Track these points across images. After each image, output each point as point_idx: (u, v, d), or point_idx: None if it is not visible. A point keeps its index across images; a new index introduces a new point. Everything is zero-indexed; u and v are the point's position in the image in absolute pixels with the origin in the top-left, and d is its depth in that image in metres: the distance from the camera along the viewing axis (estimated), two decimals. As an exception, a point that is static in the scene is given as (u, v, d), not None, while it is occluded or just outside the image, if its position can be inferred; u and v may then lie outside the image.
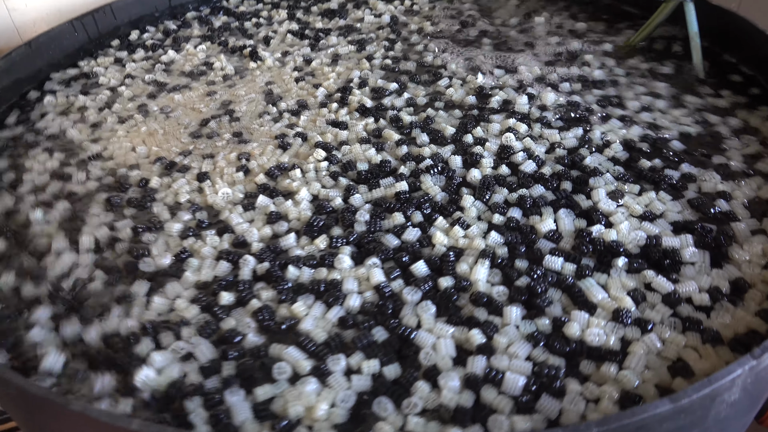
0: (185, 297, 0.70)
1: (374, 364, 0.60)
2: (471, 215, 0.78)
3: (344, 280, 0.69)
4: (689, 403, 0.48)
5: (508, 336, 0.62)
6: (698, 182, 0.82)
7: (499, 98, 1.00)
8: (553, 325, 0.64)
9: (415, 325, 0.64)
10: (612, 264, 0.70)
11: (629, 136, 0.90)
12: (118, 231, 0.80)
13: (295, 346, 0.62)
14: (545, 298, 0.66)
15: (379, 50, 1.17)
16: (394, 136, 0.92)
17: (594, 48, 1.15)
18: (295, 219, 0.80)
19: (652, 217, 0.76)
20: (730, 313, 0.66)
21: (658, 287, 0.68)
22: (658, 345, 0.62)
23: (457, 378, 0.58)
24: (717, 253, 0.72)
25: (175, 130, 0.99)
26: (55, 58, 1.16)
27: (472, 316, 0.65)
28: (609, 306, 0.66)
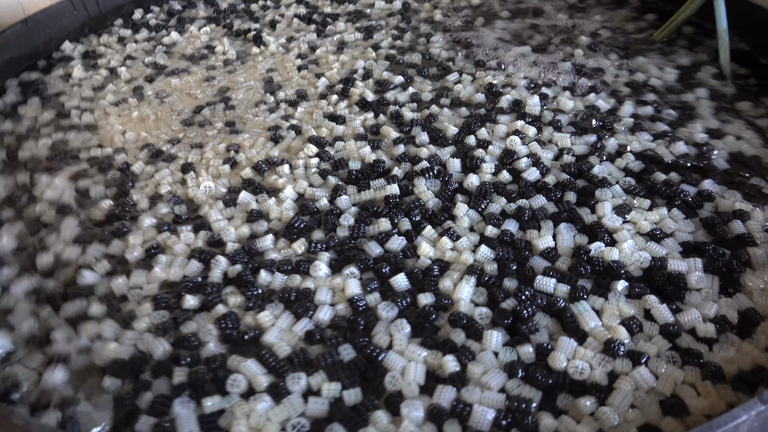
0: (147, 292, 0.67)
1: (335, 388, 0.56)
2: (463, 225, 0.73)
3: (318, 289, 0.65)
4: None
5: (484, 364, 0.58)
6: (716, 200, 0.75)
7: (510, 97, 0.94)
8: (537, 353, 0.59)
9: (386, 346, 0.60)
10: (611, 287, 0.65)
11: (660, 150, 0.83)
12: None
13: (256, 359, 0.59)
14: (531, 324, 0.61)
15: (386, 39, 1.12)
16: (392, 134, 0.87)
17: (623, 43, 1.08)
18: (276, 219, 0.76)
19: (661, 237, 0.70)
20: (735, 346, 0.60)
21: (658, 316, 0.62)
22: (650, 381, 0.56)
23: (422, 408, 0.54)
24: (728, 280, 0.66)
25: (167, 117, 0.96)
26: (53, 37, 1.14)
27: (449, 339, 0.60)
28: (601, 336, 0.60)
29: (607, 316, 0.62)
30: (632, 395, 0.55)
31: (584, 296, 0.64)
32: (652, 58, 1.04)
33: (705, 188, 0.77)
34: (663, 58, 1.03)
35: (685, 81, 0.98)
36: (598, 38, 1.11)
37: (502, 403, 0.54)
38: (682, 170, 0.79)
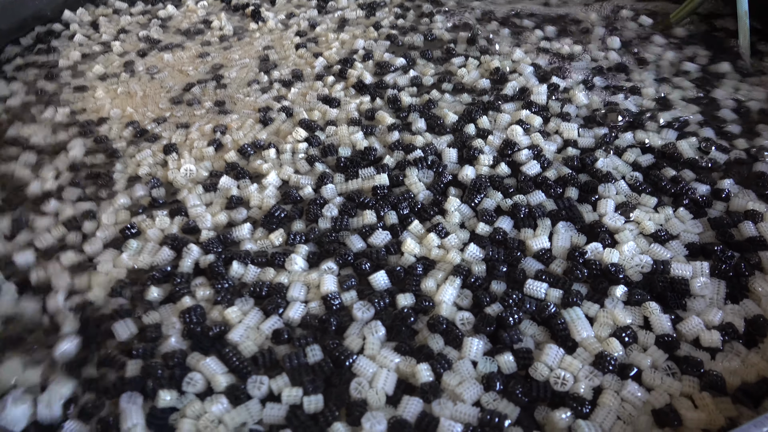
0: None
1: (296, 393, 0.52)
2: (453, 221, 0.69)
3: (291, 285, 0.62)
4: None
5: (461, 375, 0.54)
6: (730, 200, 0.70)
7: (516, 84, 0.88)
8: (518, 363, 0.55)
9: (358, 349, 0.56)
10: (609, 293, 0.60)
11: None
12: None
13: (218, 357, 0.55)
14: (514, 333, 0.56)
15: (389, 16, 1.07)
16: (387, 120, 0.83)
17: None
18: (257, 207, 0.73)
19: (666, 238, 0.66)
20: (740, 357, 0.56)
21: (657, 325, 0.58)
22: (639, 396, 0.52)
23: (384, 421, 0.50)
24: (735, 285, 0.62)
25: (156, 94, 0.93)
26: (42, 10, 1.10)
27: (425, 346, 0.56)
28: (593, 348, 0.56)
29: (600, 326, 0.58)
30: (617, 411, 0.51)
31: (578, 302, 0.59)
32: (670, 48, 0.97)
33: (723, 187, 0.71)
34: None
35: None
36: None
37: (474, 417, 0.51)
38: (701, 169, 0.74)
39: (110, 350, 0.57)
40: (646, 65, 0.94)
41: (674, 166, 0.75)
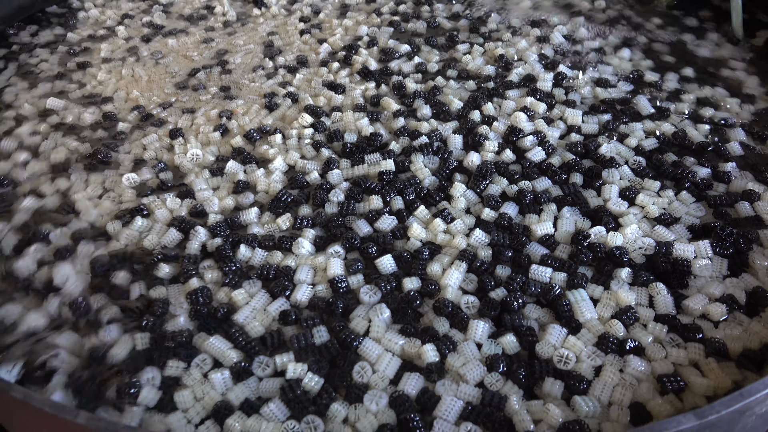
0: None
1: (302, 368, 0.54)
2: (458, 206, 0.70)
3: (298, 268, 0.63)
4: (717, 418, 0.45)
5: (465, 356, 0.55)
6: (730, 183, 0.72)
7: (522, 71, 0.89)
8: (522, 344, 0.57)
9: (363, 332, 0.58)
10: (614, 275, 0.62)
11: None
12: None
13: (224, 336, 0.57)
14: (516, 317, 0.58)
15: (389, 2, 1.09)
16: (392, 106, 0.84)
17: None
18: (263, 191, 0.74)
19: (670, 221, 0.68)
20: (743, 326, 0.58)
21: (661, 304, 0.60)
22: (642, 368, 0.55)
23: (386, 397, 0.52)
24: (736, 261, 0.64)
25: (161, 79, 0.94)
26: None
27: (430, 327, 0.58)
28: (596, 329, 0.57)
29: (604, 307, 0.59)
30: (617, 383, 0.54)
31: (583, 284, 0.61)
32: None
33: (726, 170, 0.73)
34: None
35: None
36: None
37: (476, 398, 0.52)
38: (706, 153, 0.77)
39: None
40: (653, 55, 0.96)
41: (677, 151, 0.76)
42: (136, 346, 0.57)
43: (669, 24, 1.03)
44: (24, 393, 0.46)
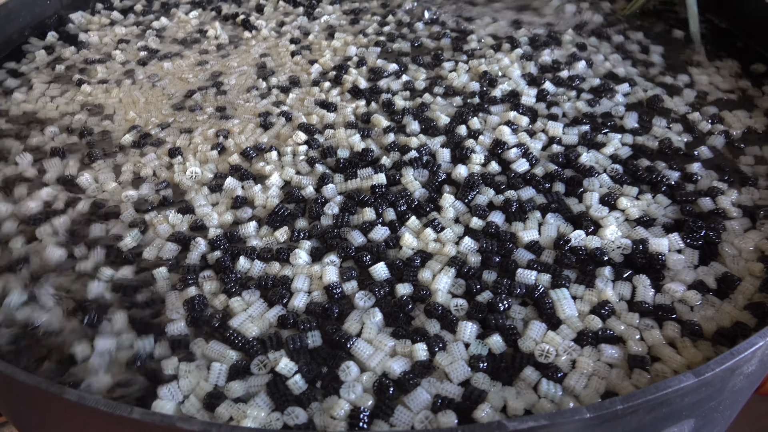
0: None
1: (292, 367, 0.58)
2: (448, 216, 0.75)
3: (295, 277, 0.68)
4: (712, 376, 0.50)
5: (452, 356, 0.60)
6: (697, 181, 0.81)
7: (507, 87, 0.95)
8: (506, 341, 0.61)
9: (356, 333, 0.62)
10: (597, 273, 0.68)
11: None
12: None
13: (222, 341, 0.62)
14: (500, 317, 0.63)
15: (372, 24, 1.15)
16: (382, 123, 0.89)
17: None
18: (261, 206, 0.78)
19: (648, 223, 0.74)
20: (715, 307, 0.65)
21: (641, 295, 0.66)
22: (615, 354, 0.60)
23: (361, 387, 0.58)
24: (706, 252, 0.71)
25: (158, 101, 0.98)
26: (26, 26, 1.14)
27: (421, 328, 0.62)
28: (575, 326, 0.63)
29: (583, 303, 0.65)
30: (592, 372, 0.58)
31: (566, 284, 0.66)
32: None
33: (693, 171, 0.81)
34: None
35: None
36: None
37: (458, 395, 0.57)
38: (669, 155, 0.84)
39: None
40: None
41: (649, 156, 0.83)
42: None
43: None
44: (78, 395, 0.49)
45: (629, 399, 0.48)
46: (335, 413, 0.55)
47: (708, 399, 0.54)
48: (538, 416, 0.47)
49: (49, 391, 0.50)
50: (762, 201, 0.78)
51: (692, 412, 0.54)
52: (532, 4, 1.22)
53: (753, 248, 0.71)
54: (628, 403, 0.47)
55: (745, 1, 1.08)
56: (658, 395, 0.48)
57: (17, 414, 0.63)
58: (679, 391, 0.49)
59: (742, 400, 0.66)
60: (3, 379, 0.53)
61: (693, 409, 0.54)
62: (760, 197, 0.79)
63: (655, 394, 0.48)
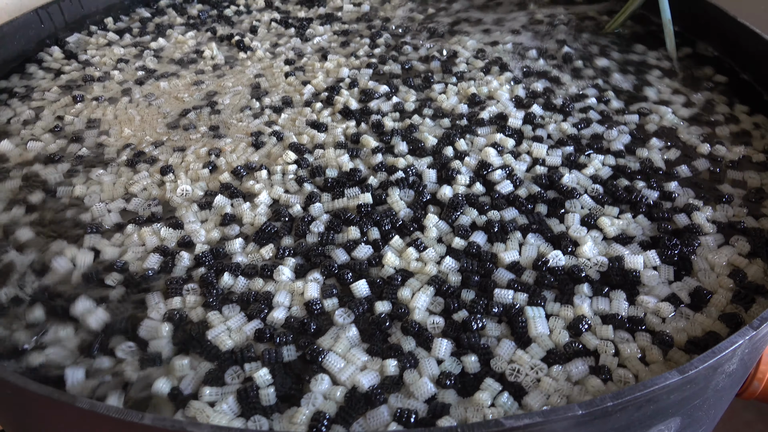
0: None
1: (267, 378, 0.61)
2: (431, 236, 0.77)
3: (277, 292, 0.70)
4: (695, 374, 0.54)
5: (420, 373, 0.62)
6: (675, 199, 0.84)
7: (495, 109, 0.98)
8: (480, 361, 0.64)
9: (329, 348, 0.65)
10: (575, 291, 0.70)
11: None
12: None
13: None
14: (473, 336, 0.65)
15: (363, 47, 1.20)
16: (371, 143, 0.92)
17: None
18: (249, 223, 0.81)
19: (625, 240, 0.77)
20: (689, 319, 0.69)
21: (616, 309, 0.69)
22: (582, 368, 0.63)
23: (321, 397, 0.60)
24: (680, 267, 0.74)
25: (153, 119, 1.02)
26: (20, 49, 1.18)
27: (396, 345, 0.65)
28: (545, 344, 0.65)
29: (558, 320, 0.67)
30: (555, 390, 0.61)
31: (542, 303, 0.69)
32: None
33: (670, 190, 0.85)
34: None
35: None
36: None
37: (423, 410, 0.59)
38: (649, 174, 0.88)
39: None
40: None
41: (629, 176, 0.87)
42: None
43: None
44: (90, 403, 0.51)
45: (618, 396, 0.51)
46: (296, 419, 0.58)
47: (693, 397, 0.58)
48: (533, 413, 0.50)
49: (60, 400, 0.52)
50: (736, 218, 0.82)
51: (678, 410, 0.58)
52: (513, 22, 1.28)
53: (726, 263, 0.75)
54: (618, 400, 0.51)
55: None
56: (645, 392, 0.52)
57: (24, 426, 0.66)
58: (665, 388, 0.53)
59: (726, 400, 0.70)
60: (12, 390, 0.55)
61: (679, 407, 0.58)
62: (734, 214, 0.82)
63: (643, 391, 0.52)
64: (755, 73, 1.07)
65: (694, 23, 1.19)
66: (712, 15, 1.15)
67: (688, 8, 1.19)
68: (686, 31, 1.21)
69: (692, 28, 1.21)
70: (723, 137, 0.97)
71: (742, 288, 0.72)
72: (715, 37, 1.17)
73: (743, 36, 1.07)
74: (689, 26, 1.21)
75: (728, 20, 1.10)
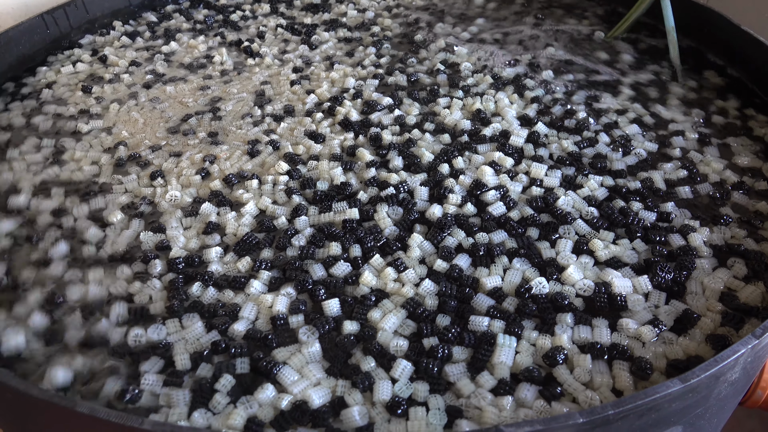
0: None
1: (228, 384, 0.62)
2: (413, 256, 0.77)
3: (245, 305, 0.72)
4: (697, 382, 0.55)
5: (379, 396, 0.62)
6: (672, 221, 0.83)
7: (499, 126, 0.97)
8: (431, 389, 0.64)
9: (284, 361, 0.66)
10: (557, 320, 0.70)
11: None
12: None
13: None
14: (432, 363, 0.64)
15: (369, 56, 1.21)
16: (366, 157, 0.93)
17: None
18: (232, 233, 0.82)
19: (617, 264, 0.76)
20: (674, 343, 0.68)
21: (599, 338, 0.68)
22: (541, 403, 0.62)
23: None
24: (673, 292, 0.74)
25: (155, 123, 1.04)
26: (25, 54, 1.23)
27: (356, 366, 0.65)
28: (500, 374, 0.65)
29: (525, 353, 0.67)
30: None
31: (519, 332, 0.68)
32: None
33: (667, 210, 0.84)
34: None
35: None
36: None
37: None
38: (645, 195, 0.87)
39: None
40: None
41: (624, 197, 0.87)
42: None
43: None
44: (89, 408, 0.53)
45: (620, 404, 0.52)
46: (233, 421, 0.59)
47: (695, 405, 0.59)
48: (534, 421, 0.52)
49: (60, 405, 0.54)
50: (734, 240, 0.81)
51: (680, 418, 0.59)
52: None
53: (723, 287, 0.75)
54: (619, 408, 0.52)
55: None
56: (646, 400, 0.53)
57: (24, 430, 0.68)
58: (667, 396, 0.54)
59: (728, 409, 0.72)
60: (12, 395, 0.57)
61: (681, 416, 0.59)
62: (732, 236, 0.82)
63: (644, 399, 0.53)
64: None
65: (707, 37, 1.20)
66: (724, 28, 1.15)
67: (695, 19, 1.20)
68: (694, 41, 1.23)
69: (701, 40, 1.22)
70: (739, 163, 0.95)
71: (732, 310, 0.72)
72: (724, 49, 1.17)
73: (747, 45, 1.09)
74: (698, 38, 1.22)
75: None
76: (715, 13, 1.16)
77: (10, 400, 0.59)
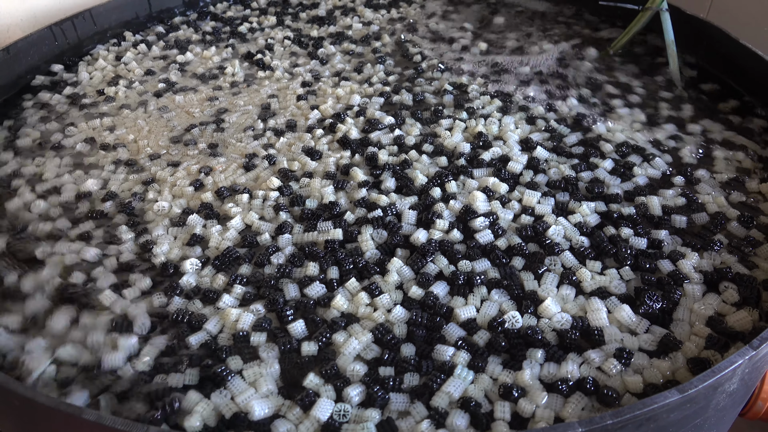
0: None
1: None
2: (390, 281, 0.78)
3: (210, 318, 0.75)
4: (695, 392, 0.57)
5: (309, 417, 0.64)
6: (663, 248, 0.84)
7: (499, 150, 0.98)
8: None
9: (237, 370, 0.69)
10: (527, 355, 0.70)
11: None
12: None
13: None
14: (380, 396, 0.66)
15: (377, 74, 1.24)
16: (359, 177, 0.94)
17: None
18: (214, 247, 0.85)
19: (604, 295, 0.77)
20: (648, 366, 0.69)
21: (564, 373, 0.68)
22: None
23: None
24: (658, 321, 0.74)
25: (159, 132, 1.09)
26: (34, 64, 1.29)
27: (305, 388, 0.67)
28: (438, 403, 0.65)
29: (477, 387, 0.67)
30: None
31: (482, 367, 0.69)
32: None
33: (659, 237, 0.84)
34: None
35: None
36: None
37: None
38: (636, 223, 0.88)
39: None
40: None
41: (615, 223, 0.87)
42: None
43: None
44: (96, 415, 0.57)
45: (618, 414, 0.54)
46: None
47: (693, 416, 0.61)
48: (533, 430, 0.54)
49: (66, 412, 0.58)
50: (723, 265, 0.82)
51: (679, 429, 0.61)
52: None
53: (713, 313, 0.76)
54: (617, 418, 0.54)
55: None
56: (645, 410, 0.55)
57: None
58: (665, 407, 0.56)
59: (728, 420, 0.74)
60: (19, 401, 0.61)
61: (679, 426, 0.61)
62: (722, 261, 0.83)
63: (643, 409, 0.55)
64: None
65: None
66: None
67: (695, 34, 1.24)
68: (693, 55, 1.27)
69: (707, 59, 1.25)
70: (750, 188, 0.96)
71: (718, 333, 0.73)
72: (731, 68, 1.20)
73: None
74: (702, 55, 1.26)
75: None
76: (715, 28, 1.21)
77: (17, 407, 0.62)
